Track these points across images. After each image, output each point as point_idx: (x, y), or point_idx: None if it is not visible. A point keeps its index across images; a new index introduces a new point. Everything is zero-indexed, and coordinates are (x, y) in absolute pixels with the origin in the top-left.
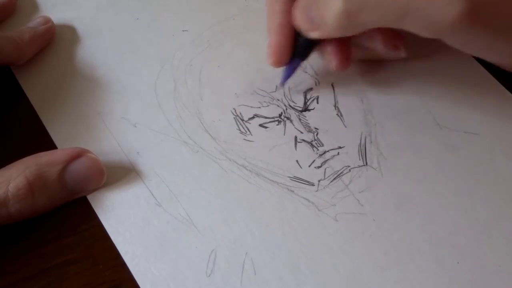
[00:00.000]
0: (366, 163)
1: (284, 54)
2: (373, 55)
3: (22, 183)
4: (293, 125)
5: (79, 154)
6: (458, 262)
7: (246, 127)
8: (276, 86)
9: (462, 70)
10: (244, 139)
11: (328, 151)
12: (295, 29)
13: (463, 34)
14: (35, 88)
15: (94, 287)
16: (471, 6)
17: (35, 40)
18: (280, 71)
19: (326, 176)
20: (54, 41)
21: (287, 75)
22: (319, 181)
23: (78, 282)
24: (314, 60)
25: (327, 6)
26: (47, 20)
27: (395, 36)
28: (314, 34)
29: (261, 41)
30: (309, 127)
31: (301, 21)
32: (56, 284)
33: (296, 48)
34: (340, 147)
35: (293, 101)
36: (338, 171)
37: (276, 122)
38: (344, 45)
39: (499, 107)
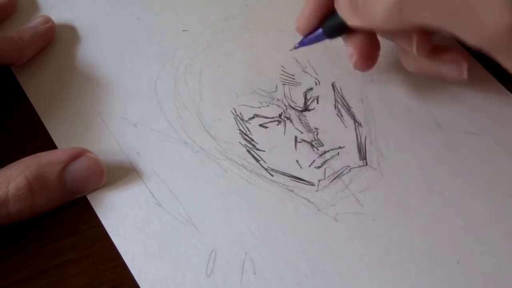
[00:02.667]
0: (366, 163)
1: (308, 24)
2: (434, 73)
3: (22, 183)
4: (293, 125)
5: (79, 154)
6: (458, 262)
7: (246, 127)
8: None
9: None
10: (244, 139)
11: (328, 151)
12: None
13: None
14: (35, 88)
15: (94, 287)
16: None
17: (35, 40)
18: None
19: (326, 176)
20: (54, 41)
21: (304, 43)
22: (319, 181)
23: (78, 282)
24: (314, 60)
25: None
26: (47, 20)
27: (462, 56)
28: (354, 22)
29: (261, 41)
30: (309, 127)
31: (343, 6)
32: (56, 284)
33: (327, 23)
34: (340, 147)
35: (293, 101)
36: (338, 171)
37: (276, 122)
38: (373, 44)
39: (499, 107)
